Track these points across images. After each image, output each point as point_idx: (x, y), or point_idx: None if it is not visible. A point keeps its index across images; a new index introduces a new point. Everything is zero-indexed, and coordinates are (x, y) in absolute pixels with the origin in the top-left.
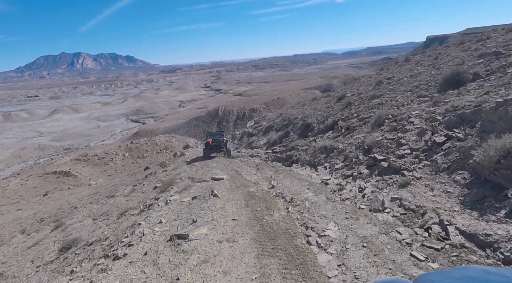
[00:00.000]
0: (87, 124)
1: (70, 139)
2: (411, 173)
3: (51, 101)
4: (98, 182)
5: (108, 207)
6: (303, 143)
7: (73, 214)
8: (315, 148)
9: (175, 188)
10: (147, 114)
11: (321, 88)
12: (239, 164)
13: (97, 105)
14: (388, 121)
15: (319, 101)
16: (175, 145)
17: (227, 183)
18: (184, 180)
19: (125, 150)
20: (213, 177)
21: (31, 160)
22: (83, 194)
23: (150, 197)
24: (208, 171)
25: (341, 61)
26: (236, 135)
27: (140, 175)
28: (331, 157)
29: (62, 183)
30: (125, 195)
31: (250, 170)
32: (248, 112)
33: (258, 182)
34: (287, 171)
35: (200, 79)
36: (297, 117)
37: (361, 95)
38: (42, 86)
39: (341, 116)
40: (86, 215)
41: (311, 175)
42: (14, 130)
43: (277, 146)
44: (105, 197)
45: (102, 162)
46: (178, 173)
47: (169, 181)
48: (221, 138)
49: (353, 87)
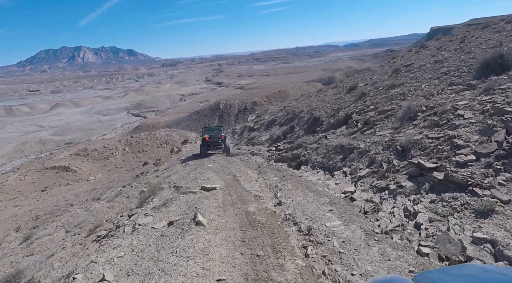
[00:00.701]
0: (88, 119)
1: (71, 133)
2: (488, 192)
3: (52, 96)
4: (97, 177)
5: (85, 215)
6: (311, 140)
7: (48, 223)
8: (328, 146)
9: (155, 199)
10: (148, 108)
11: (323, 81)
12: (238, 163)
13: (98, 99)
14: (422, 114)
15: (327, 92)
16: (176, 139)
17: (220, 196)
18: (169, 188)
19: (125, 144)
20: (204, 185)
21: (33, 154)
22: (80, 190)
23: (130, 207)
24: (201, 174)
25: (343, 53)
26: (236, 130)
27: (138, 171)
28: (351, 159)
29: (61, 178)
30: (109, 199)
31: (251, 173)
32: (250, 105)
33: (260, 194)
34: (296, 176)
35: (201, 73)
36: (303, 110)
37: (376, 85)
38: (43, 81)
39: (355, 108)
40: (60, 225)
41: (328, 183)
42: (15, 125)
43: (281, 142)
44: (91, 200)
45: (102, 156)
46: (167, 176)
47: (152, 189)
48: (219, 134)
49: (365, 76)
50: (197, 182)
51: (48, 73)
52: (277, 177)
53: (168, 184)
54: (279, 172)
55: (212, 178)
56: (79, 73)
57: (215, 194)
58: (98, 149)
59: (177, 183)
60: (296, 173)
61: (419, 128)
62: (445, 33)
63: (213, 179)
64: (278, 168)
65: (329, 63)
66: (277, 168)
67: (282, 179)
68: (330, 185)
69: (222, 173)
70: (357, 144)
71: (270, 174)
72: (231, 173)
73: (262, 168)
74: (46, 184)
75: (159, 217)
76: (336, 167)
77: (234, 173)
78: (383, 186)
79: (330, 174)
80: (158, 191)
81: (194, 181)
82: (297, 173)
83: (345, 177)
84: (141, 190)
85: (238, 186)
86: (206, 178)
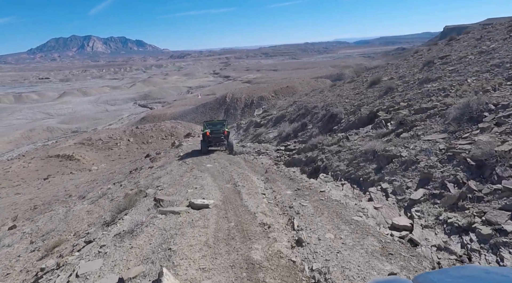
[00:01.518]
0: (95, 108)
1: (78, 122)
2: None
3: (61, 84)
4: (100, 167)
5: (58, 222)
6: (329, 141)
7: (13, 235)
8: (354, 151)
9: (127, 218)
10: (155, 100)
11: (332, 77)
12: (242, 165)
13: (106, 89)
14: (490, 114)
15: (343, 87)
16: (181, 131)
17: (212, 222)
18: (150, 199)
19: (130, 135)
20: (193, 201)
21: (40, 142)
22: (81, 180)
23: (104, 218)
24: (195, 179)
25: (353, 50)
26: (242, 125)
27: (133, 166)
28: (391, 171)
29: (65, 166)
30: (93, 200)
31: (256, 180)
32: (257, 100)
33: (269, 219)
34: (316, 191)
35: (209, 66)
36: (317, 105)
37: (405, 79)
38: (53, 69)
39: (381, 105)
40: (29, 232)
41: (363, 206)
42: (24, 112)
43: (291, 141)
44: (77, 197)
45: (106, 146)
46: (158, 177)
47: (129, 200)
48: (222, 129)
49: (387, 70)
50: (187, 192)
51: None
52: (290, 189)
53: (155, 190)
54: (292, 181)
55: (207, 186)
56: (88, 62)
57: (206, 217)
58: (103, 139)
59: (165, 189)
60: (314, 183)
61: (496, 134)
62: (459, 32)
63: (208, 187)
64: (290, 175)
65: (338, 60)
66: (288, 174)
67: (298, 194)
68: (367, 210)
69: (221, 178)
70: (396, 150)
71: (280, 183)
72: (232, 179)
73: (270, 174)
74: (50, 172)
75: (113, 259)
76: (369, 181)
77: (236, 179)
78: (463, 223)
79: (360, 189)
80: (136, 202)
81: (184, 188)
82: (316, 185)
83: (386, 197)
84: (126, 192)
85: (238, 202)
86: (200, 185)
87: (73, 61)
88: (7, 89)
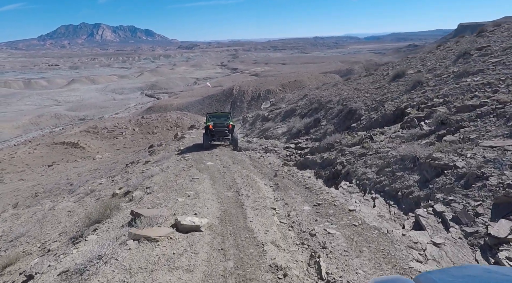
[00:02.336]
0: (103, 96)
1: (86, 110)
2: None
3: (70, 71)
4: (104, 156)
5: (34, 222)
6: (348, 140)
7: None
8: (385, 155)
9: (90, 240)
10: (161, 90)
11: (341, 73)
12: (247, 164)
13: (114, 77)
14: None
15: (360, 80)
16: (186, 122)
17: (200, 262)
18: (127, 210)
19: (135, 124)
20: (180, 221)
21: (47, 128)
22: (84, 169)
23: (78, 227)
24: (190, 182)
25: (364, 46)
26: (248, 118)
27: (130, 158)
28: (445, 188)
29: (70, 154)
30: (81, 197)
31: (264, 186)
32: (264, 93)
33: (282, 260)
34: (341, 208)
35: (217, 57)
36: (331, 100)
37: (436, 72)
38: (63, 56)
39: (410, 101)
40: None
41: (415, 238)
42: (33, 98)
43: (302, 138)
44: (67, 192)
45: (111, 135)
46: (150, 175)
47: (103, 210)
48: (227, 123)
49: (411, 63)
50: (177, 202)
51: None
52: (307, 203)
53: (143, 192)
54: (308, 191)
55: (203, 194)
56: (97, 50)
57: (194, 248)
58: (108, 127)
59: (153, 193)
60: (338, 197)
61: None
62: (474, 30)
63: (204, 196)
64: (304, 181)
65: (348, 55)
66: (302, 180)
67: (319, 212)
68: (424, 247)
69: (222, 181)
70: (447, 159)
71: (294, 192)
72: (235, 184)
73: (280, 178)
74: (54, 159)
75: None
76: (412, 198)
77: (239, 183)
78: None
79: (399, 207)
80: (115, 211)
81: (175, 194)
82: (340, 198)
83: (445, 226)
84: (114, 192)
85: (241, 221)
86: (194, 191)
87: (82, 49)
88: (17, 74)
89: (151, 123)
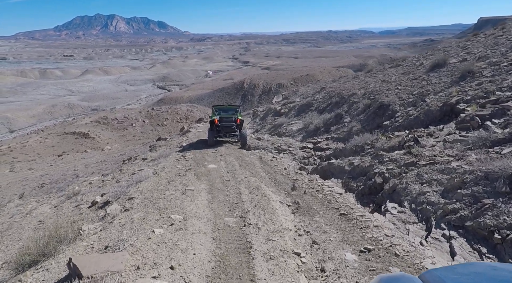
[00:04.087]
0: (115, 87)
1: (98, 100)
2: None
3: (84, 62)
4: (113, 148)
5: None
6: (384, 142)
7: None
8: (449, 169)
9: None
10: (173, 82)
11: (354, 67)
12: (257, 169)
13: (127, 69)
14: None
15: (386, 71)
16: (196, 115)
17: None
18: (78, 245)
19: (146, 116)
20: None
21: (61, 118)
22: (92, 160)
23: (34, 247)
24: (181, 196)
25: (378, 40)
26: (258, 112)
27: (128, 154)
28: None
29: (80, 144)
30: (62, 200)
31: (278, 206)
32: (275, 87)
33: None
34: (403, 257)
35: (229, 50)
36: (355, 93)
37: (491, 60)
38: (77, 47)
39: (462, 95)
40: None
41: None
42: (48, 87)
43: (321, 136)
44: (57, 189)
45: (122, 126)
46: (137, 181)
47: (44, 245)
48: (235, 117)
49: (449, 51)
50: (151, 238)
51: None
52: (348, 245)
53: (121, 206)
54: (344, 219)
55: (193, 221)
56: (111, 41)
57: None
58: (118, 118)
59: (132, 209)
60: (387, 226)
61: None
62: (494, 24)
63: (194, 225)
64: (335, 200)
65: (361, 50)
66: (332, 198)
67: (372, 269)
68: None
69: (223, 197)
70: None
71: (324, 221)
72: (240, 202)
73: (300, 192)
74: (65, 148)
75: None
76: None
77: (246, 202)
78: None
79: (498, 257)
80: (59, 246)
81: (156, 218)
82: (393, 232)
83: None
84: (93, 200)
85: None
86: (182, 215)
87: (96, 40)
88: (33, 64)
89: (161, 115)
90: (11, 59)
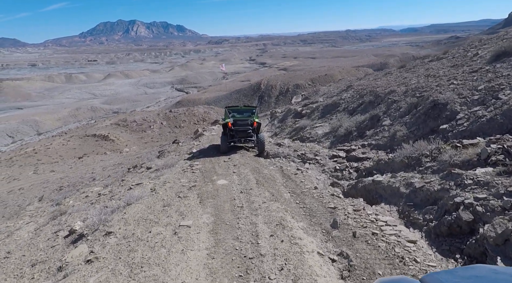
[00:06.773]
0: (135, 90)
1: (119, 103)
2: None
3: (107, 66)
4: (131, 150)
5: None
6: (452, 154)
7: None
8: None
9: None
10: (191, 84)
11: (374, 66)
12: (278, 187)
13: (146, 72)
14: None
15: (427, 65)
16: (213, 117)
17: None
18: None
19: (163, 118)
20: None
21: (84, 120)
22: (110, 163)
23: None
24: (172, 237)
25: (399, 38)
26: (277, 114)
27: (150, 156)
28: None
29: (100, 146)
30: (47, 220)
31: (318, 267)
32: (292, 88)
33: None
34: None
35: (246, 52)
36: (394, 90)
37: None
38: (101, 52)
39: None
40: None
41: None
42: (73, 91)
43: (354, 142)
44: (51, 203)
45: (140, 128)
46: (126, 204)
47: None
48: (251, 119)
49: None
50: None
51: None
52: None
53: (87, 252)
54: None
55: None
56: (132, 46)
57: None
58: (137, 121)
59: (97, 264)
60: None
61: None
62: None
63: None
64: (407, 254)
65: (382, 49)
66: (400, 248)
67: None
68: None
69: (231, 241)
70: None
71: None
72: (256, 256)
73: (345, 232)
74: (86, 151)
75: None
76: None
77: (266, 256)
78: None
79: None
80: None
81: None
82: None
83: None
84: (72, 228)
85: None
86: (167, 279)
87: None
88: (60, 70)
89: (179, 117)
90: (40, 65)
